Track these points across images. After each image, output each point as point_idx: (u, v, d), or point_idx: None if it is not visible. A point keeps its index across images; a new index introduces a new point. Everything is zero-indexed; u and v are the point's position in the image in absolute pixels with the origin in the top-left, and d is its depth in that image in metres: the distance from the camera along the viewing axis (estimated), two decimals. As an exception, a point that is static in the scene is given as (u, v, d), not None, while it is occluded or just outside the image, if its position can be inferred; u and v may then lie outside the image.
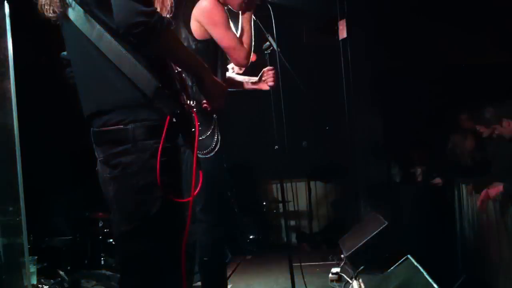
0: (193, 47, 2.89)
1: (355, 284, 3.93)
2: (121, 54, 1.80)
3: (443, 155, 5.52)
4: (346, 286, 4.09)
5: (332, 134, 5.43)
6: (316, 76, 5.33)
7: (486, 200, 4.50)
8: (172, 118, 1.82)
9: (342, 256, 4.62)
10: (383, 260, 3.96)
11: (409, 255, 3.50)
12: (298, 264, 3.55)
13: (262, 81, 3.28)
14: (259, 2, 3.08)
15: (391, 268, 3.66)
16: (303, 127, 5.67)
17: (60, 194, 4.95)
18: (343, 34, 5.09)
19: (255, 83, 3.33)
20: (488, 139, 4.78)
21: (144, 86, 1.80)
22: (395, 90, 5.41)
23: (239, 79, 3.38)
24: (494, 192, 4.38)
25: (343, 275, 4.25)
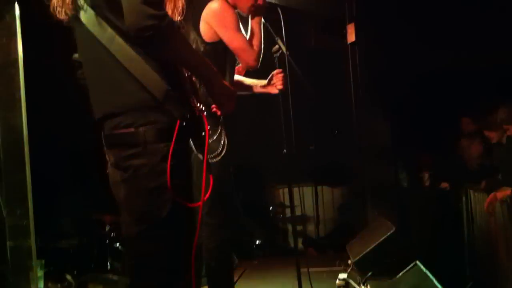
0: (201, 49, 2.90)
1: (362, 290, 3.91)
2: (132, 57, 1.79)
3: (450, 159, 5.49)
4: (354, 292, 4.06)
5: (339, 138, 5.42)
6: (324, 80, 5.32)
7: (494, 202, 4.47)
8: (182, 122, 1.81)
9: (350, 261, 4.59)
10: (391, 266, 3.94)
11: (417, 261, 3.48)
12: (305, 269, 3.54)
13: (271, 84, 3.27)
14: (268, 5, 3.09)
15: (400, 274, 3.63)
16: (311, 131, 5.66)
17: (67, 198, 4.96)
18: (351, 37, 5.09)
19: (264, 87, 3.33)
20: (497, 144, 4.76)
21: (155, 90, 1.80)
22: (403, 94, 5.40)
23: (248, 83, 3.37)
24: (502, 195, 4.35)
25: (351, 281, 4.22)
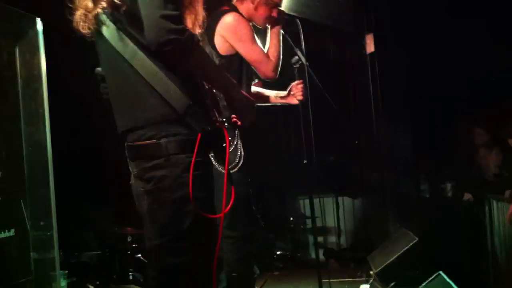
0: (216, 63, 2.92)
1: (385, 301, 3.87)
2: (153, 72, 1.82)
3: (472, 170, 5.44)
4: (376, 303, 4.03)
5: (360, 149, 5.40)
6: (344, 90, 5.32)
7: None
8: (202, 135, 1.83)
9: (372, 272, 4.56)
10: (413, 276, 3.90)
11: (440, 272, 3.45)
12: (326, 280, 3.52)
13: (290, 95, 3.29)
14: (287, 17, 3.11)
15: (422, 284, 3.60)
16: (331, 142, 5.65)
17: (89, 209, 5.00)
18: (370, 48, 5.09)
19: (284, 98, 3.34)
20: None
21: (176, 104, 1.82)
22: (424, 104, 5.37)
23: (268, 94, 3.39)
24: None
25: (373, 291, 4.20)
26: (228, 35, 2.90)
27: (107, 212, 5.02)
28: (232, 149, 2.11)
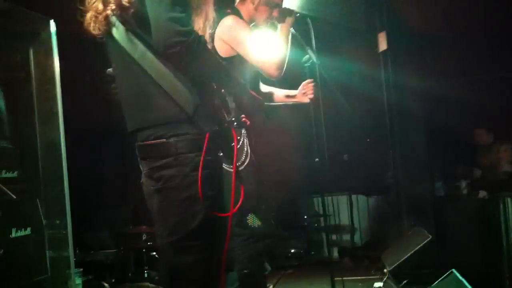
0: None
1: (398, 299, 3.87)
2: (162, 72, 1.84)
3: (486, 168, 5.40)
4: (389, 301, 4.03)
5: (374, 147, 5.38)
6: (357, 89, 5.30)
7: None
8: (211, 135, 1.85)
9: (385, 270, 4.55)
10: (426, 274, 3.89)
11: (453, 269, 3.43)
12: (340, 278, 3.53)
13: (302, 94, 3.29)
14: (298, 15, 3.12)
15: (435, 283, 3.59)
16: (345, 140, 5.64)
17: (105, 208, 5.05)
18: (383, 46, 5.06)
19: (295, 96, 3.34)
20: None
21: (184, 104, 1.84)
22: (437, 102, 5.33)
23: (279, 93, 3.40)
24: None
25: (386, 290, 4.20)
26: (228, 37, 2.92)
27: (122, 210, 5.07)
28: (239, 147, 2.12)
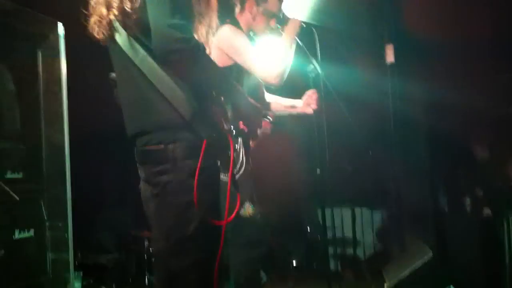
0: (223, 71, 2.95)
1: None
2: (162, 78, 1.85)
3: (492, 183, 5.35)
4: (389, 316, 4.00)
5: (378, 159, 5.36)
6: (363, 99, 5.28)
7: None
8: (208, 141, 1.85)
9: (386, 285, 4.52)
10: (427, 290, 3.86)
11: (451, 285, 3.41)
12: (340, 291, 3.51)
13: (305, 104, 3.30)
14: (304, 25, 3.13)
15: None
16: (348, 152, 5.62)
17: (107, 212, 5.06)
18: (390, 58, 5.06)
19: (298, 107, 3.35)
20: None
21: (183, 110, 1.85)
22: (443, 115, 5.31)
23: (282, 102, 3.41)
24: None
25: (386, 304, 4.17)
26: (225, 46, 2.93)
27: (124, 214, 5.07)
28: (235, 156, 2.13)
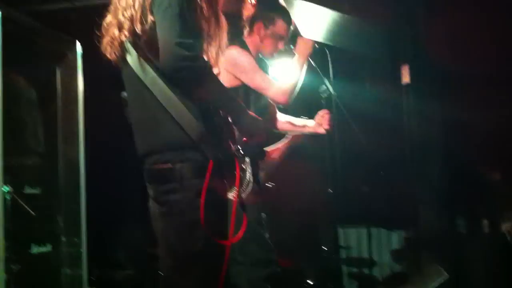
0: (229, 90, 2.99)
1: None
2: (171, 99, 1.87)
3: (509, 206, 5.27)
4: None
5: (394, 180, 5.32)
6: (378, 120, 5.26)
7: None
8: (215, 163, 1.87)
9: (401, 307, 4.48)
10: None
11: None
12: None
13: (317, 124, 3.31)
14: (317, 46, 3.16)
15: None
16: (362, 173, 5.60)
17: (123, 228, 5.09)
18: (406, 79, 5.04)
19: (310, 127, 3.37)
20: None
21: (191, 131, 1.86)
22: (460, 136, 5.26)
23: (295, 122, 3.43)
24: None
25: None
26: (231, 67, 2.97)
27: (140, 231, 5.10)
28: (242, 175, 2.14)
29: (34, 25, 3.33)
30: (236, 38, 3.09)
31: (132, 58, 1.96)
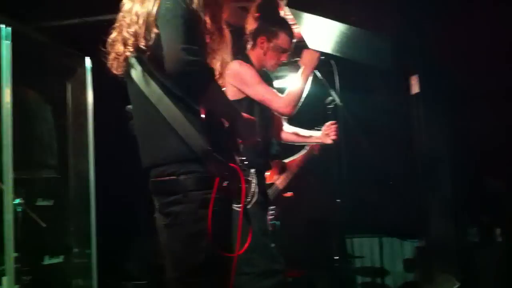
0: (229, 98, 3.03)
1: None
2: (176, 115, 1.91)
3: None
4: None
5: (404, 190, 5.31)
6: (386, 130, 5.26)
7: None
8: (220, 179, 1.89)
9: (412, 317, 4.45)
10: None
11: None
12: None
13: (324, 135, 3.33)
14: (323, 57, 3.19)
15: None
16: (373, 182, 5.59)
17: (133, 240, 5.12)
18: (415, 89, 5.03)
19: (318, 137, 3.39)
20: None
21: (195, 147, 1.89)
22: (469, 146, 5.24)
23: (303, 133, 3.46)
24: None
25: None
26: (234, 81, 3.03)
27: (149, 243, 5.12)
28: (247, 187, 2.17)
29: (44, 41, 3.40)
30: (239, 51, 3.14)
31: (136, 73, 2.00)
